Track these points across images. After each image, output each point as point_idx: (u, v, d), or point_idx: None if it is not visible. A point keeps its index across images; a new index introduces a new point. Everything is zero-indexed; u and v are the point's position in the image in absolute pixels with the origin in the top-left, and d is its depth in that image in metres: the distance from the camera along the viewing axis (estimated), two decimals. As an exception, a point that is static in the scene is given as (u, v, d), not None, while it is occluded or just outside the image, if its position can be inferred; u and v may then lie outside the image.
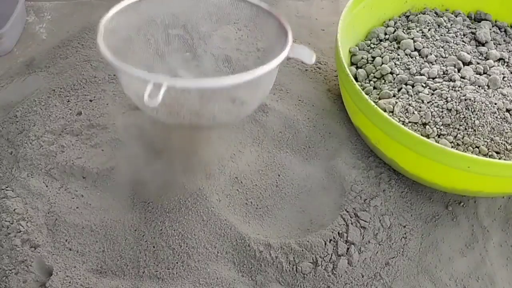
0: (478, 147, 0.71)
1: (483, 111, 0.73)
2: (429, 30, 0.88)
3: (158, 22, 0.77)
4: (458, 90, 0.76)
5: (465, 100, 0.74)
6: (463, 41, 0.87)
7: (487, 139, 0.72)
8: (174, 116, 0.67)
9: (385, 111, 0.75)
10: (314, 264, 0.67)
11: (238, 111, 0.69)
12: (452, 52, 0.84)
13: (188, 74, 0.81)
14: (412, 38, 0.86)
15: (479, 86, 0.77)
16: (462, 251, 0.73)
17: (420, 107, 0.75)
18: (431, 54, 0.83)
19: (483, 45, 0.88)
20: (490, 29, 0.91)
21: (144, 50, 0.77)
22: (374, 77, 0.83)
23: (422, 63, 0.82)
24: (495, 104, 0.74)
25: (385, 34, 0.90)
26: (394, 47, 0.86)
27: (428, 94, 0.76)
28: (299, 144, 0.81)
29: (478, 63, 0.82)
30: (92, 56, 0.92)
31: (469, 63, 0.82)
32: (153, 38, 0.78)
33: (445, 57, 0.83)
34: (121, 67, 0.60)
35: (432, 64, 0.82)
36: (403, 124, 0.74)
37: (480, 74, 0.80)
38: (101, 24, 0.65)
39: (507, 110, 0.74)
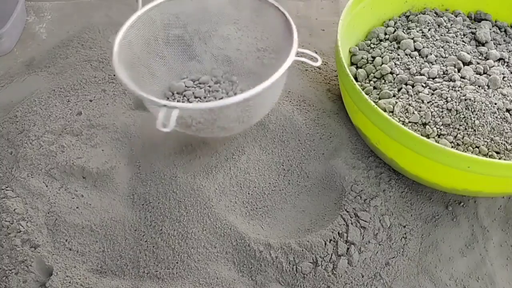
0: (478, 147, 0.71)
1: (483, 111, 0.73)
2: (429, 30, 0.88)
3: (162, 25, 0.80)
4: (458, 90, 0.76)
5: (465, 100, 0.74)
6: (463, 41, 0.87)
7: (487, 139, 0.72)
8: (187, 129, 0.71)
9: (385, 111, 0.75)
10: (314, 264, 0.67)
11: (248, 120, 0.73)
12: (452, 52, 0.84)
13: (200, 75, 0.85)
14: (412, 38, 0.86)
15: (479, 86, 0.77)
16: (462, 251, 0.73)
17: (420, 107, 0.75)
18: (431, 54, 0.83)
19: (483, 45, 0.88)
20: (490, 29, 0.91)
21: (155, 59, 0.80)
22: (374, 77, 0.83)
23: (422, 63, 0.82)
24: (495, 104, 0.74)
25: (385, 34, 0.90)
26: (394, 47, 0.86)
27: (428, 94, 0.76)
28: (299, 144, 0.81)
29: (478, 63, 0.82)
30: (92, 56, 0.92)
31: (469, 63, 0.82)
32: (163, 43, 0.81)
33: (445, 57, 0.83)
34: (137, 92, 0.64)
35: (432, 64, 0.82)
36: (403, 124, 0.74)
37: (480, 74, 0.80)
38: (115, 43, 0.69)
39: (507, 110, 0.74)
